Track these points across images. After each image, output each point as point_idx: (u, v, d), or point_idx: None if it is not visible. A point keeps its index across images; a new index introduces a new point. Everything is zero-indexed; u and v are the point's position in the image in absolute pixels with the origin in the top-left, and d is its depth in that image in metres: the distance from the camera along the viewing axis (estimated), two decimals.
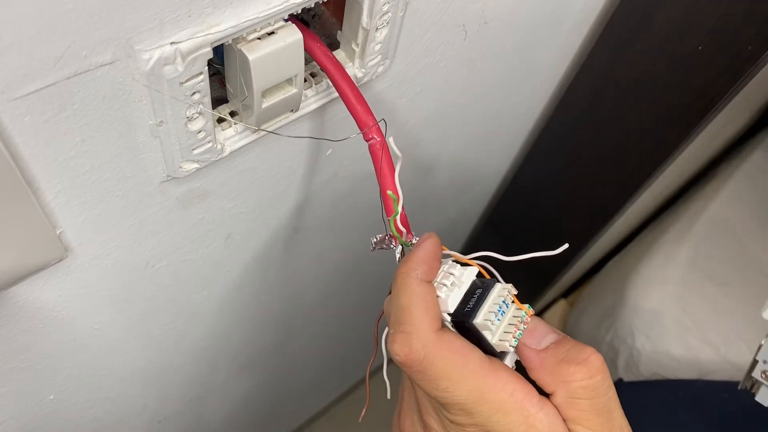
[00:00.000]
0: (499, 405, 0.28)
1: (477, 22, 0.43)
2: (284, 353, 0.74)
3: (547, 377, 0.29)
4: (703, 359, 0.79)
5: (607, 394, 0.29)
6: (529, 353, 0.30)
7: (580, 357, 0.29)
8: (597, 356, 0.29)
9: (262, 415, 0.89)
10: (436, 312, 0.29)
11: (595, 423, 0.29)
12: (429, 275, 0.30)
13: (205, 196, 0.36)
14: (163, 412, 0.59)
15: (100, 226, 0.32)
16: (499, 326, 0.30)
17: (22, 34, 0.21)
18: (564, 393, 0.29)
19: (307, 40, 0.30)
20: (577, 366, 0.28)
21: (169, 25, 0.24)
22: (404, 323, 0.29)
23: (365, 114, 0.32)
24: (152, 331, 0.46)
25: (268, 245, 0.48)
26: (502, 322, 0.30)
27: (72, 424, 0.48)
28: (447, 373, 0.28)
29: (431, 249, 0.31)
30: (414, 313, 0.29)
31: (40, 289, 0.33)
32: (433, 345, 0.28)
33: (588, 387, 0.28)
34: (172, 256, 0.39)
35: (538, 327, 0.31)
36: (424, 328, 0.29)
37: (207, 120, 0.30)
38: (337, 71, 0.31)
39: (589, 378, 0.28)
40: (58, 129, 0.25)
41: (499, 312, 0.30)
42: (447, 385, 0.28)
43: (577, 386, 0.28)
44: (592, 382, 0.28)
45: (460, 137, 0.57)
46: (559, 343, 0.30)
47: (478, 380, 0.28)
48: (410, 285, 0.29)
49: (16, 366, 0.37)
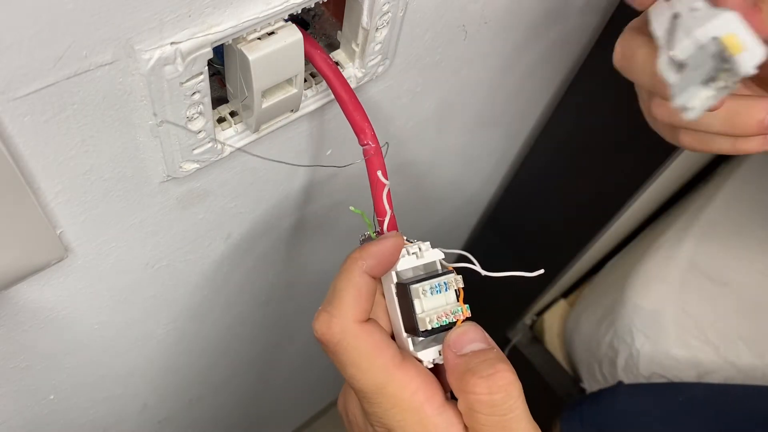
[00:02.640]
0: (397, 401, 0.29)
1: (477, 22, 0.43)
2: (284, 353, 0.74)
3: (454, 383, 0.30)
4: (703, 359, 0.79)
5: (507, 415, 0.28)
6: (448, 355, 0.30)
7: (486, 371, 0.28)
8: (504, 374, 0.28)
9: (262, 415, 0.89)
10: (366, 305, 0.30)
11: None
12: (375, 270, 0.31)
13: (205, 196, 0.36)
14: (163, 412, 0.59)
15: (100, 226, 0.32)
16: (430, 301, 0.31)
17: (22, 34, 0.21)
18: (464, 403, 0.29)
19: (306, 46, 0.30)
20: (479, 379, 0.28)
21: (169, 25, 0.24)
22: (332, 305, 0.30)
23: (362, 122, 0.32)
24: (152, 331, 0.46)
25: (268, 245, 0.48)
26: (436, 300, 0.31)
27: (72, 424, 0.48)
28: (356, 362, 0.29)
29: (388, 247, 0.31)
30: (344, 298, 0.30)
31: (40, 289, 0.33)
32: (351, 333, 0.29)
33: (485, 403, 0.28)
34: (172, 256, 0.39)
35: (468, 332, 0.31)
36: (348, 316, 0.30)
37: (207, 120, 0.30)
38: (338, 79, 0.32)
39: (488, 394, 0.28)
40: (58, 129, 0.25)
41: (436, 289, 0.31)
42: (353, 372, 0.29)
43: (474, 399, 0.28)
44: (490, 399, 0.28)
45: (460, 137, 0.57)
46: (477, 353, 0.30)
47: (383, 375, 0.29)
48: (352, 272, 0.30)
49: (16, 366, 0.37)
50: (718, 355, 0.79)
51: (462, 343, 0.30)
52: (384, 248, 0.31)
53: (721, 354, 0.79)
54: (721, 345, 0.80)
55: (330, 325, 0.30)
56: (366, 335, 0.30)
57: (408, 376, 0.30)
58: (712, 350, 0.80)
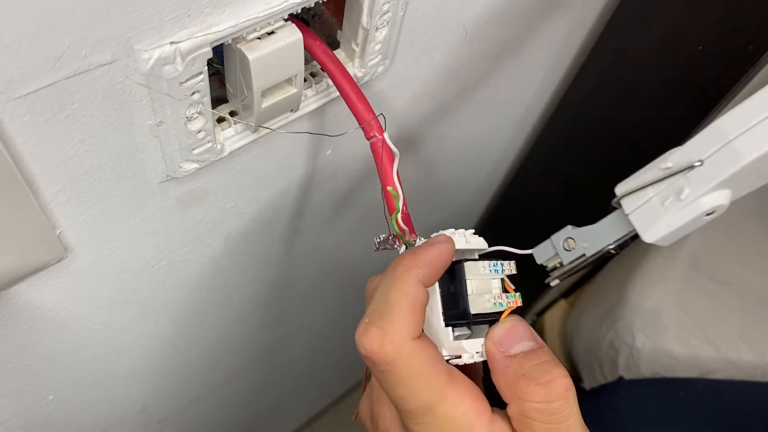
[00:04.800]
0: (448, 420, 0.27)
1: (477, 22, 0.42)
2: (284, 353, 0.74)
3: (505, 387, 0.28)
4: (704, 358, 0.79)
5: (564, 422, 0.27)
6: (496, 355, 0.28)
7: (542, 377, 0.27)
8: (562, 381, 0.27)
9: (261, 415, 0.89)
10: (420, 319, 0.28)
11: None
12: (430, 280, 0.28)
13: (205, 195, 0.36)
14: (163, 412, 0.59)
15: (100, 226, 0.32)
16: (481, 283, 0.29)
17: (22, 34, 0.21)
18: (517, 409, 0.27)
19: (307, 38, 0.30)
20: (536, 387, 0.27)
21: (169, 24, 0.24)
22: (384, 319, 0.27)
23: (365, 110, 0.31)
24: (152, 331, 0.45)
25: (268, 245, 0.48)
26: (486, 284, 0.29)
27: (72, 424, 0.48)
28: (409, 383, 0.27)
29: (444, 255, 0.29)
30: (398, 313, 0.27)
31: (39, 289, 0.33)
32: (406, 353, 0.27)
33: (542, 411, 0.26)
34: (172, 256, 0.39)
35: (516, 328, 0.29)
36: (404, 334, 0.27)
37: (207, 120, 0.29)
38: (336, 68, 0.31)
39: (545, 402, 0.26)
40: (57, 129, 0.25)
41: (494, 267, 0.29)
42: (403, 393, 0.27)
43: (530, 407, 0.27)
44: (548, 407, 0.26)
45: (461, 136, 0.57)
46: (529, 354, 0.28)
47: (436, 395, 0.27)
48: (406, 282, 0.27)
49: (16, 366, 0.37)
50: (718, 354, 0.79)
51: (511, 342, 0.28)
52: (439, 256, 0.28)
53: (722, 353, 0.79)
54: (721, 344, 0.80)
55: (383, 343, 0.26)
56: (421, 353, 0.27)
57: (459, 394, 0.27)
58: (712, 349, 0.80)
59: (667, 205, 0.26)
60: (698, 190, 0.25)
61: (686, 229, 0.26)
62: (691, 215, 0.25)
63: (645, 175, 0.27)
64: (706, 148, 0.24)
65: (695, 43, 0.49)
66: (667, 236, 0.26)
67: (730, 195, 0.25)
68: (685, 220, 0.25)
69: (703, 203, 0.25)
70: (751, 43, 0.45)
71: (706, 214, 0.25)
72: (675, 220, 0.26)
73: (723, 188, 0.25)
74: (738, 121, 0.24)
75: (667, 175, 0.26)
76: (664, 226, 0.26)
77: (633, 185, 0.27)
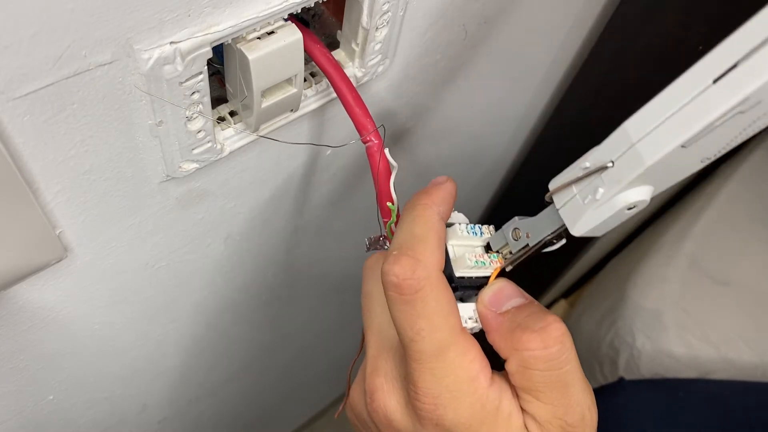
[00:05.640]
0: (454, 368, 0.27)
1: (477, 22, 0.42)
2: (284, 353, 0.74)
3: (501, 342, 0.28)
4: (704, 359, 0.79)
5: (564, 368, 0.26)
6: (488, 315, 0.28)
7: (537, 324, 0.27)
8: (557, 326, 0.27)
9: (262, 415, 0.89)
10: (444, 256, 0.28)
11: (548, 396, 0.27)
12: (445, 217, 0.29)
13: (205, 196, 0.36)
14: (163, 412, 0.59)
15: (100, 226, 0.32)
16: (465, 242, 0.30)
17: (22, 34, 0.21)
18: (516, 361, 0.27)
19: (307, 41, 0.30)
20: (531, 334, 0.26)
21: (169, 24, 0.24)
22: (416, 250, 0.27)
23: (364, 118, 0.32)
24: (152, 332, 0.45)
25: (268, 245, 0.48)
26: (470, 242, 0.30)
27: (71, 424, 0.48)
28: (432, 315, 0.27)
29: (452, 191, 0.29)
30: (429, 244, 0.27)
31: (39, 289, 0.33)
32: (435, 282, 0.27)
33: (540, 358, 0.26)
34: (172, 256, 0.39)
35: (504, 289, 0.29)
36: (435, 263, 0.27)
37: (206, 120, 0.29)
38: (337, 74, 0.31)
39: (543, 348, 0.26)
40: (57, 129, 0.25)
41: (471, 230, 0.30)
42: (423, 326, 0.26)
43: (528, 356, 0.26)
44: (546, 353, 0.26)
45: (460, 136, 0.57)
46: (521, 308, 0.28)
47: (450, 336, 0.27)
48: (431, 218, 0.28)
49: (16, 366, 0.37)
50: (718, 355, 0.79)
51: (500, 301, 0.28)
52: (448, 193, 0.29)
53: (722, 353, 0.79)
54: (721, 344, 0.80)
55: (415, 269, 0.26)
56: (446, 289, 0.27)
57: (469, 342, 0.27)
58: (713, 349, 0.80)
59: (587, 203, 0.27)
60: (612, 190, 0.25)
61: (612, 222, 0.27)
62: (610, 212, 0.26)
63: (569, 173, 0.28)
64: (616, 150, 0.25)
65: (695, 43, 0.49)
66: (594, 230, 0.27)
67: (650, 190, 0.26)
68: (605, 217, 0.26)
69: (619, 201, 0.26)
70: None
71: (627, 208, 0.26)
72: (595, 216, 0.26)
73: (639, 185, 0.25)
74: (641, 124, 0.24)
75: (585, 175, 0.27)
76: (587, 221, 0.27)
77: (560, 182, 0.28)
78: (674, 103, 0.23)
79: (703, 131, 0.22)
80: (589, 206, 0.26)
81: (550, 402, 0.27)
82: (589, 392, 0.28)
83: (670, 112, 0.23)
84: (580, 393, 0.27)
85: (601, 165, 0.26)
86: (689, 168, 0.25)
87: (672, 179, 0.26)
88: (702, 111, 0.22)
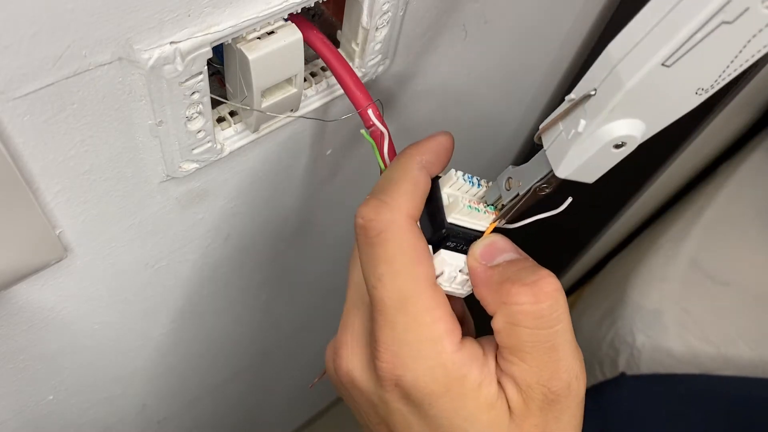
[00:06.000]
0: (416, 324, 0.25)
1: (477, 22, 0.42)
2: (284, 353, 0.74)
3: (489, 296, 0.26)
4: (704, 358, 0.79)
5: (554, 327, 0.25)
6: (478, 269, 0.27)
7: (528, 278, 0.25)
8: (550, 280, 0.25)
9: (261, 415, 0.89)
10: (419, 204, 0.27)
11: (534, 358, 0.25)
12: (432, 167, 0.28)
13: (205, 196, 0.36)
14: (163, 412, 0.59)
15: (100, 226, 0.32)
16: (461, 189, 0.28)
17: (22, 34, 0.21)
18: (503, 317, 0.25)
19: (305, 30, 0.30)
20: (522, 287, 0.24)
21: (169, 24, 0.24)
22: (385, 192, 0.26)
23: (360, 91, 0.31)
24: (152, 332, 0.45)
25: (268, 245, 0.48)
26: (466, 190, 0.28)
27: (71, 424, 0.48)
28: (392, 259, 0.25)
29: (444, 143, 0.28)
30: (400, 190, 0.26)
31: (39, 289, 0.33)
32: (398, 225, 0.25)
33: (530, 313, 0.24)
34: (172, 256, 0.39)
35: (496, 243, 0.27)
36: (402, 207, 0.26)
37: (206, 120, 0.29)
38: (332, 54, 0.31)
39: (533, 303, 0.24)
40: (57, 129, 0.25)
41: (468, 179, 0.29)
42: (384, 271, 0.25)
43: (517, 310, 0.24)
44: (536, 308, 0.24)
45: (460, 137, 0.57)
46: (513, 262, 0.26)
47: (413, 286, 0.25)
48: (409, 165, 0.27)
49: (15, 366, 0.37)
50: (719, 354, 0.79)
51: (492, 255, 0.27)
52: (441, 144, 0.28)
53: (722, 353, 0.79)
54: (722, 344, 0.80)
55: (380, 212, 0.25)
56: (414, 235, 0.26)
57: (436, 300, 0.25)
58: (713, 349, 0.80)
59: (571, 138, 0.24)
60: (595, 121, 0.23)
61: (600, 162, 0.24)
62: (594, 147, 0.23)
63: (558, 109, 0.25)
64: (599, 76, 0.22)
65: None
66: (581, 172, 0.25)
67: (639, 126, 0.23)
68: (590, 153, 0.24)
69: (603, 134, 0.23)
70: None
71: (614, 146, 0.23)
72: (579, 153, 0.24)
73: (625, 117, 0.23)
74: (622, 45, 0.21)
75: (571, 107, 0.24)
76: (571, 159, 0.24)
77: (549, 119, 0.25)
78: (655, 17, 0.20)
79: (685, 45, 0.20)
80: (573, 141, 0.24)
81: (535, 365, 0.25)
82: (579, 359, 0.26)
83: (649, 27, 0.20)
84: (569, 358, 0.25)
85: (584, 93, 0.23)
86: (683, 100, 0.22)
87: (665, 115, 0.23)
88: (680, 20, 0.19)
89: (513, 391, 0.26)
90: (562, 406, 0.25)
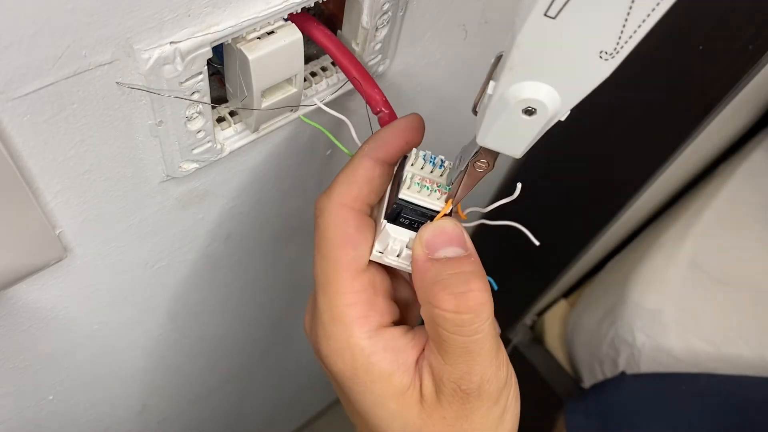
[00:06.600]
0: (329, 307, 0.27)
1: (477, 22, 0.42)
2: (284, 353, 0.74)
3: (420, 290, 0.27)
4: (704, 358, 0.79)
5: (472, 336, 0.25)
6: (419, 257, 0.27)
7: (458, 288, 0.25)
8: (477, 295, 0.25)
9: (262, 415, 0.89)
10: (356, 190, 0.28)
11: (449, 357, 0.26)
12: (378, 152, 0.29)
13: (205, 195, 0.36)
14: (163, 412, 0.59)
15: (100, 226, 0.32)
16: (423, 169, 0.28)
17: (22, 34, 0.21)
18: (427, 314, 0.26)
19: (308, 25, 0.30)
20: (448, 295, 0.25)
21: (169, 24, 0.24)
22: (332, 183, 0.29)
23: (372, 89, 0.32)
24: (152, 331, 0.45)
25: (268, 245, 0.48)
26: (429, 170, 0.28)
27: (71, 424, 0.48)
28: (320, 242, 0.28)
29: (401, 126, 0.29)
30: (338, 179, 0.28)
31: (39, 289, 0.33)
32: (327, 212, 0.28)
33: (450, 321, 0.25)
34: (172, 256, 0.39)
35: (446, 231, 0.27)
36: (333, 196, 0.28)
37: (206, 120, 0.29)
38: (339, 50, 0.31)
39: (455, 313, 0.25)
40: (57, 129, 0.25)
41: (430, 159, 0.29)
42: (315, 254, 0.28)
43: (438, 314, 0.25)
44: (455, 318, 0.25)
45: (460, 137, 0.57)
46: (452, 261, 0.26)
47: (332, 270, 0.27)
48: (355, 154, 0.29)
49: (15, 366, 0.37)
50: (718, 353, 0.79)
51: (438, 243, 0.27)
52: (392, 129, 0.29)
53: (722, 352, 0.79)
54: (722, 344, 0.80)
55: (319, 200, 0.29)
56: (339, 221, 0.27)
57: (351, 285, 0.27)
58: (713, 349, 0.80)
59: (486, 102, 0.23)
60: (501, 82, 0.22)
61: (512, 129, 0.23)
62: (502, 110, 0.23)
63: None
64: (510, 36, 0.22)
65: (695, 43, 0.48)
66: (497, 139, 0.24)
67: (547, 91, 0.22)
68: (500, 119, 0.23)
69: (508, 96, 0.22)
70: (751, 43, 0.45)
71: (522, 111, 0.22)
72: (491, 117, 0.23)
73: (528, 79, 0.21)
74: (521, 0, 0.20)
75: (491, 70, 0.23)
76: (486, 126, 0.24)
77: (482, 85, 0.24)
78: None
79: None
80: (486, 106, 0.23)
81: (449, 362, 0.26)
82: (495, 366, 0.27)
83: None
84: (484, 364, 0.26)
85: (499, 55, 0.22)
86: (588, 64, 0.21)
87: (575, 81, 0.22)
88: None
89: (429, 380, 0.27)
90: (473, 406, 0.26)
